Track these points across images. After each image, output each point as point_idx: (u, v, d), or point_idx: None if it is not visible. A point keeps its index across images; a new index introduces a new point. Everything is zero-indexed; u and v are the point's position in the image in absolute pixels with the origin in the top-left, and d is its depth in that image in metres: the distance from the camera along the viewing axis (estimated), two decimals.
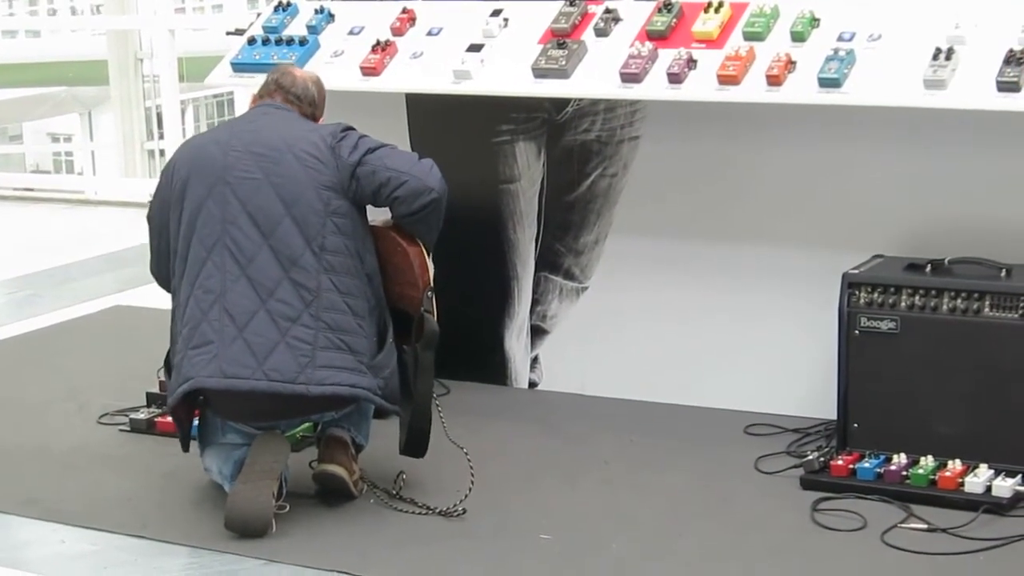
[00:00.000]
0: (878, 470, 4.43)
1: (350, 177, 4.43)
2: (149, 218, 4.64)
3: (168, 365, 4.57)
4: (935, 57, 4.45)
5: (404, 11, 5.43)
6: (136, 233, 5.52)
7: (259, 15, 5.75)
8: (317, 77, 4.76)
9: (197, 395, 4.45)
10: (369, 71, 5.26)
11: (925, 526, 4.20)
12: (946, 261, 4.57)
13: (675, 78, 4.73)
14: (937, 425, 4.45)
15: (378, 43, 5.32)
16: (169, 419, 5.03)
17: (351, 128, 4.55)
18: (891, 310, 4.50)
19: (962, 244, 4.65)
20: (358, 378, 4.37)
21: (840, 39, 4.66)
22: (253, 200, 4.39)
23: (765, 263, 5.07)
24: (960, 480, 4.33)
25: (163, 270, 4.61)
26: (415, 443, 4.53)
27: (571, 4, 5.11)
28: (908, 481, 4.38)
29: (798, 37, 4.71)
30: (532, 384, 5.59)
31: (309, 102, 4.64)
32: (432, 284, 4.55)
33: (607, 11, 5.05)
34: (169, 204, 4.52)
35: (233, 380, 4.30)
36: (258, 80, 4.81)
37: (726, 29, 4.83)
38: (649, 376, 5.30)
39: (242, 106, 7.52)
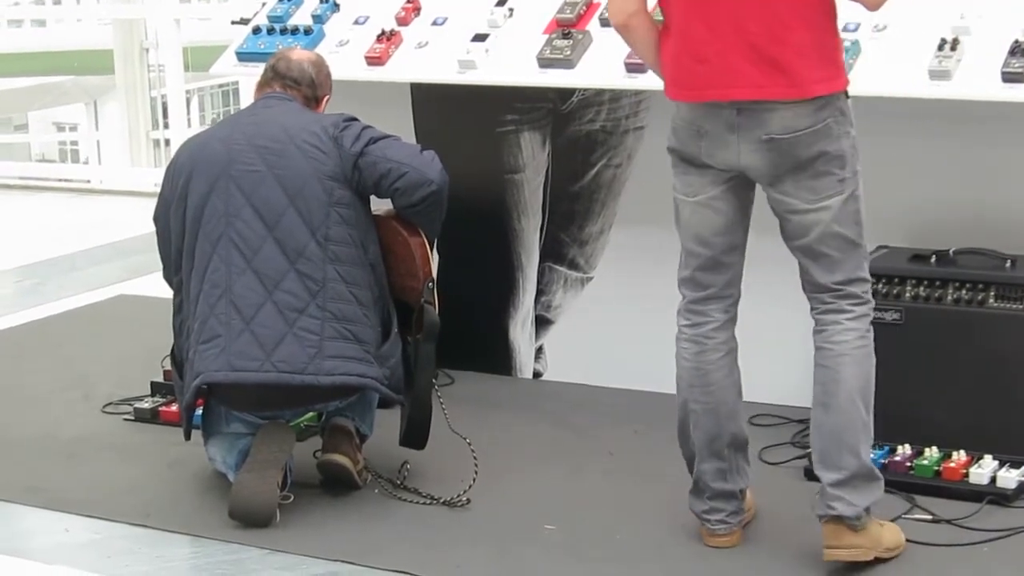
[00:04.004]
0: (883, 461, 4.42)
1: (352, 167, 4.43)
2: (155, 219, 4.63)
3: (174, 360, 4.57)
4: (940, 48, 4.45)
5: (409, 1, 5.43)
6: (141, 222, 5.53)
7: (264, 4, 5.75)
8: (317, 57, 4.75)
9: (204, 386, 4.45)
10: (374, 61, 5.26)
11: (930, 517, 4.20)
12: (951, 252, 4.56)
13: None
14: (942, 416, 4.45)
15: (383, 33, 5.32)
16: (173, 408, 5.05)
17: (354, 119, 4.54)
18: (895, 301, 4.50)
19: (967, 235, 4.64)
20: (366, 368, 4.37)
21: (845, 29, 4.62)
22: (257, 192, 4.39)
23: (769, 253, 5.04)
24: (965, 471, 4.33)
25: (168, 268, 4.61)
26: (415, 434, 4.53)
27: None
28: (913, 472, 4.39)
29: None
30: (536, 374, 5.60)
31: (308, 84, 4.63)
32: (433, 275, 4.55)
33: None
34: (171, 203, 4.51)
35: (242, 373, 4.30)
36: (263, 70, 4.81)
37: None
38: (654, 366, 5.29)
39: (247, 96, 7.52)
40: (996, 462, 4.35)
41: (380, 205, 4.59)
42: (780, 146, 3.73)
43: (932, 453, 4.41)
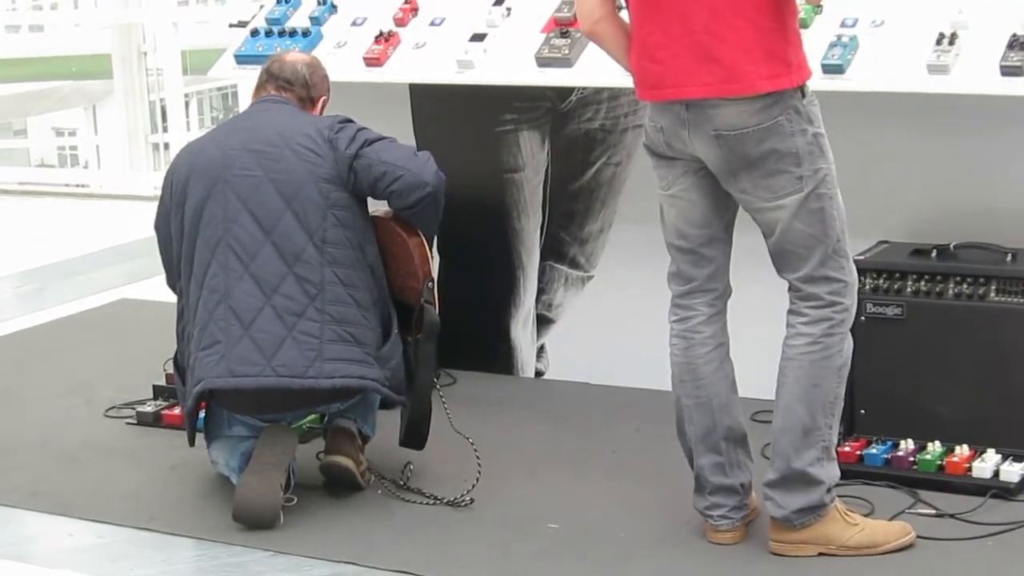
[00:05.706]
0: (886, 456, 4.43)
1: (348, 170, 4.42)
2: (156, 227, 4.63)
3: (177, 366, 4.57)
4: (938, 42, 4.45)
5: (407, 1, 5.43)
6: (142, 226, 5.54)
7: (262, 7, 5.75)
8: (312, 58, 4.75)
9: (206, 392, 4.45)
10: (372, 62, 5.26)
11: (933, 511, 4.20)
12: (951, 246, 4.56)
13: None
14: (944, 410, 4.45)
15: (381, 34, 5.32)
16: (176, 411, 5.05)
17: (350, 120, 4.54)
18: (897, 296, 4.50)
19: (967, 229, 4.64)
20: (366, 370, 4.37)
21: (843, 25, 4.65)
22: (253, 197, 4.38)
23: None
24: (968, 465, 4.33)
25: (171, 275, 4.61)
26: (414, 435, 4.53)
27: None
28: (916, 467, 4.39)
29: (801, 23, 4.65)
30: (538, 373, 5.60)
31: (302, 84, 4.62)
32: (433, 275, 4.55)
33: None
34: (171, 210, 4.51)
35: (242, 379, 4.30)
36: None
37: None
38: (655, 364, 5.28)
39: (246, 98, 7.54)
40: (999, 456, 4.35)
41: (378, 206, 4.59)
42: (728, 142, 3.78)
43: (935, 448, 4.41)
